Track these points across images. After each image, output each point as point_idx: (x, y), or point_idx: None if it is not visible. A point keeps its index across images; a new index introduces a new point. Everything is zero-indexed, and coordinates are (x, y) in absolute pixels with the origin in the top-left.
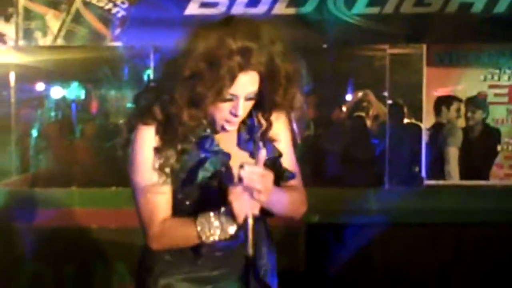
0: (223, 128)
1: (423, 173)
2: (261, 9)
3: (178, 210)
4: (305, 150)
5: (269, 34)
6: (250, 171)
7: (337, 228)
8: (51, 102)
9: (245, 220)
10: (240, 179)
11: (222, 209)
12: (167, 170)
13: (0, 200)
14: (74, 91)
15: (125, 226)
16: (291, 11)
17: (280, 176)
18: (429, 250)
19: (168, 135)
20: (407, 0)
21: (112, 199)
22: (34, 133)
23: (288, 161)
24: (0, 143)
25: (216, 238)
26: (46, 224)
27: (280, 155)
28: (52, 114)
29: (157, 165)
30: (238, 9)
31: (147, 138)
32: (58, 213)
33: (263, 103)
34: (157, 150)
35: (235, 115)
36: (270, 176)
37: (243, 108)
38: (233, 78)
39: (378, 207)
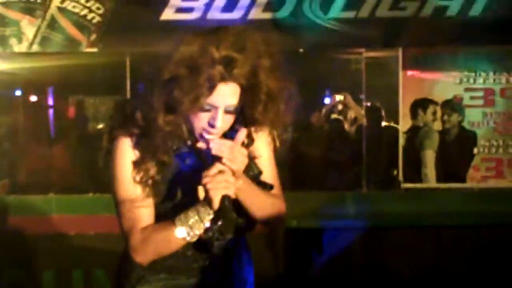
0: (202, 137)
1: (400, 176)
2: (237, 14)
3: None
4: (282, 153)
5: (257, 47)
6: (219, 143)
7: (315, 232)
8: (27, 109)
9: (221, 203)
10: (213, 158)
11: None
12: (149, 182)
13: None
14: (51, 97)
15: (103, 232)
16: (267, 15)
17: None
18: (407, 253)
19: (147, 145)
20: (382, 4)
21: (90, 205)
22: (11, 139)
23: (270, 177)
24: None
25: (196, 232)
26: (23, 231)
27: (260, 172)
28: (29, 120)
29: (138, 178)
30: (214, 14)
31: (126, 150)
32: (36, 220)
33: (245, 118)
34: (136, 163)
35: (213, 126)
36: (241, 150)
37: (222, 120)
38: (212, 87)
39: (356, 211)
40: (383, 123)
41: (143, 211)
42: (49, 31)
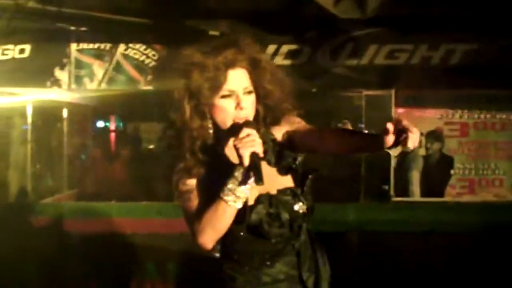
0: (235, 124)
1: (392, 191)
2: None
3: None
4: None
5: (252, 43)
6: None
7: (321, 236)
8: (95, 132)
9: (251, 160)
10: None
11: None
12: (195, 178)
13: (52, 211)
14: (114, 123)
15: (154, 232)
16: (288, 62)
17: (305, 174)
18: (396, 254)
19: (187, 149)
20: (380, 53)
21: (144, 211)
22: (82, 156)
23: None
24: (55, 164)
25: (232, 187)
26: (90, 232)
27: (295, 158)
28: (96, 141)
29: (189, 174)
30: None
31: (182, 172)
32: (99, 223)
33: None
34: (187, 170)
35: (241, 108)
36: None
37: (245, 101)
38: (223, 75)
39: (354, 219)
40: None
41: (199, 205)
42: (115, 73)
